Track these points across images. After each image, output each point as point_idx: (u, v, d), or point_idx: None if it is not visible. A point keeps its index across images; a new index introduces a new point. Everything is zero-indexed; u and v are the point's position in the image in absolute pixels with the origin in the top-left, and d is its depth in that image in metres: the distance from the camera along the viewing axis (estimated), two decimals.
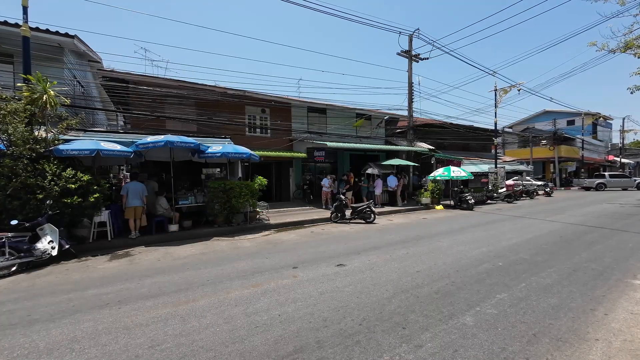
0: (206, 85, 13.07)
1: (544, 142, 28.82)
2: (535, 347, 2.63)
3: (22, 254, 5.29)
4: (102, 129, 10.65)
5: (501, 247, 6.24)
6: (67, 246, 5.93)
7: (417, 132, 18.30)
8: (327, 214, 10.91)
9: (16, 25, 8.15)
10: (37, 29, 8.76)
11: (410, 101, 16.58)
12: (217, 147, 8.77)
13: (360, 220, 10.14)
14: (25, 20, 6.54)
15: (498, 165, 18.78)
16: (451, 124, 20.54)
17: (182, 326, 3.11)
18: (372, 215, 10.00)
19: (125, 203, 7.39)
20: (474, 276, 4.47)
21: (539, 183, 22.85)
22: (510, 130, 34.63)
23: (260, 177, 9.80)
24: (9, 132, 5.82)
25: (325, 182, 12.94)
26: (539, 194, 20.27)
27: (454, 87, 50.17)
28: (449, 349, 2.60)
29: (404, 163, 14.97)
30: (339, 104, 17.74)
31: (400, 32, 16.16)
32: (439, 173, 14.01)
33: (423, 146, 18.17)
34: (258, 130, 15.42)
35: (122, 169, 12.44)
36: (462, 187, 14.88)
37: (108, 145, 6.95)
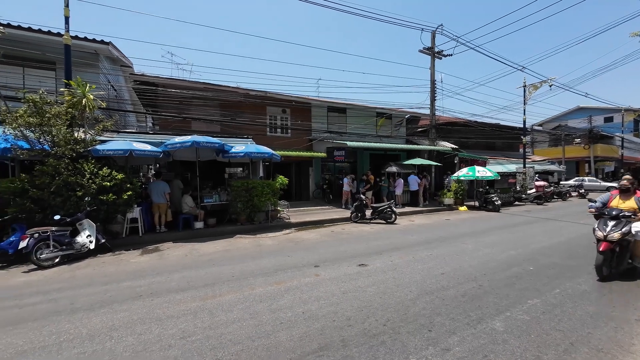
0: (229, 86, 13.42)
1: (577, 140, 27.11)
2: (572, 356, 2.50)
3: (64, 247, 5.70)
4: (133, 130, 11.23)
5: (531, 251, 5.95)
6: (102, 240, 6.31)
7: (440, 130, 17.82)
8: (346, 213, 10.88)
9: (58, 34, 8.76)
10: (76, 37, 9.35)
11: (433, 99, 16.17)
12: (240, 147, 8.99)
13: (380, 221, 10.03)
14: (67, 30, 7.02)
15: (527, 165, 17.89)
16: (476, 122, 19.81)
17: (210, 319, 3.23)
18: (393, 216, 9.86)
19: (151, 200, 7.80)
20: (502, 280, 4.30)
21: (572, 183, 21.54)
22: (539, 128, 32.86)
23: (281, 176, 9.93)
24: (53, 133, 6.29)
25: (346, 181, 12.91)
26: (572, 196, 19.11)
27: (479, 84, 48.31)
28: (479, 353, 2.53)
29: (425, 163, 14.63)
30: (359, 103, 17.64)
31: (422, 29, 15.80)
32: (463, 173, 13.56)
33: (446, 145, 17.66)
34: (279, 130, 15.63)
35: (151, 168, 13.06)
36: (487, 187, 14.31)
37: (139, 145, 7.32)
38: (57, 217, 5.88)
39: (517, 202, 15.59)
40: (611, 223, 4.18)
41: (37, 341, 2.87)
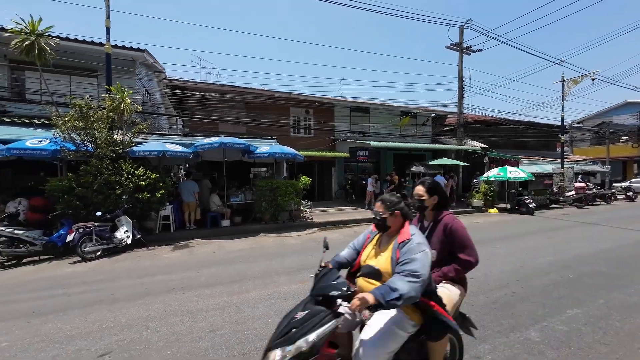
0: (254, 89, 13.76)
1: (625, 138, 24.85)
2: None
3: (104, 241, 6.14)
4: (165, 132, 11.85)
5: (570, 257, 5.55)
6: (138, 236, 6.73)
7: (468, 129, 17.11)
8: (370, 214, 10.74)
9: (100, 44, 9.45)
10: (115, 46, 10.04)
11: (461, 97, 15.56)
12: (264, 147, 9.20)
13: None
14: (108, 40, 7.56)
15: (565, 165, 16.69)
16: (507, 120, 18.79)
17: (237, 314, 3.34)
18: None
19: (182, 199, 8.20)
20: (538, 287, 4.06)
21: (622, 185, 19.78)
22: (580, 125, 30.50)
23: (304, 176, 10.03)
24: (96, 136, 6.80)
25: (369, 181, 12.77)
26: (617, 199, 17.56)
27: (511, 80, 45.72)
28: None
29: (452, 163, 14.11)
30: (383, 102, 17.38)
31: (450, 25, 15.26)
32: (493, 173, 12.92)
33: (474, 144, 16.92)
34: (302, 130, 15.78)
35: (181, 168, 13.69)
36: (520, 189, 13.52)
37: (171, 146, 7.72)
38: (98, 213, 6.35)
39: (553, 205, 14.59)
40: None
41: (83, 327, 3.13)
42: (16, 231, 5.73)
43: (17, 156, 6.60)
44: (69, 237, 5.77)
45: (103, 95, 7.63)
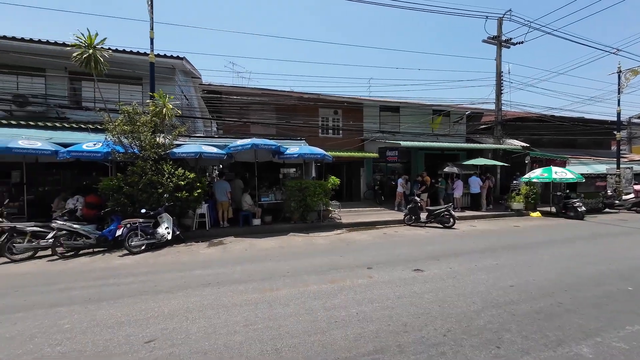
0: (284, 91, 14.07)
1: None
2: None
3: (148, 236, 6.63)
4: (201, 135, 12.52)
5: (628, 267, 5.01)
6: (177, 232, 7.18)
7: (507, 127, 16.07)
8: (399, 215, 10.52)
9: (145, 54, 10.22)
10: (157, 55, 10.81)
11: (499, 92, 14.68)
12: (294, 148, 9.36)
13: (437, 225, 9.46)
14: (152, 50, 8.17)
15: (622, 166, 15.04)
16: (552, 116, 17.37)
17: (269, 311, 3.44)
18: (451, 220, 9.22)
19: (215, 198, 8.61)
20: (589, 299, 3.71)
21: None
22: (639, 121, 27.32)
23: (333, 177, 10.05)
24: (141, 139, 7.37)
25: (399, 182, 12.49)
26: None
27: (557, 73, 42.01)
28: None
29: (489, 163, 13.33)
30: (413, 100, 16.89)
31: (487, 17, 14.47)
32: (536, 174, 12.01)
33: (514, 143, 15.85)
34: (330, 131, 15.83)
35: (215, 169, 14.36)
36: (567, 191, 12.43)
37: (207, 148, 8.15)
38: (143, 210, 6.88)
39: (607, 209, 13.22)
40: None
41: (131, 315, 3.40)
42: (75, 225, 6.38)
43: (75, 158, 7.34)
44: (118, 232, 6.31)
45: (147, 101, 8.25)
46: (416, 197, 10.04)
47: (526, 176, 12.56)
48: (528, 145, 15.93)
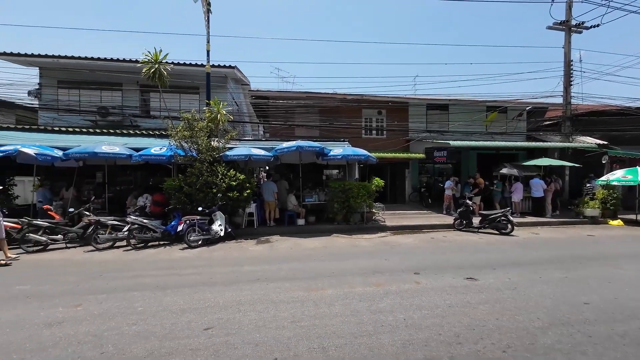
0: (328, 93, 14.24)
1: None
2: None
3: (204, 232, 7.22)
4: (250, 138, 13.26)
5: None
6: (229, 230, 7.70)
7: (578, 122, 14.16)
8: (448, 219, 9.93)
9: (201, 65, 11.17)
10: (212, 66, 11.74)
11: (568, 84, 13.03)
12: (337, 149, 9.41)
13: (491, 231, 8.72)
14: (208, 61, 8.91)
15: None
16: (638, 108, 14.86)
17: (315, 310, 3.51)
18: (509, 226, 8.42)
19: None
20: None
21: None
22: None
23: (377, 178, 9.88)
24: (199, 143, 8.07)
25: (448, 184, 11.79)
26: None
27: None
28: None
29: (556, 163, 11.87)
30: (464, 97, 15.81)
31: (552, 0, 12.94)
32: (617, 176, 10.37)
33: (586, 141, 13.88)
34: (374, 132, 15.58)
35: (261, 170, 15.08)
36: None
37: (256, 151, 8.61)
38: (199, 208, 7.50)
39: None
40: None
41: (191, 303, 3.74)
42: (144, 221, 7.22)
43: (145, 161, 8.30)
44: (179, 227, 6.99)
45: (204, 108, 9.00)
46: (468, 200, 9.37)
47: (603, 178, 10.92)
48: (605, 142, 13.82)
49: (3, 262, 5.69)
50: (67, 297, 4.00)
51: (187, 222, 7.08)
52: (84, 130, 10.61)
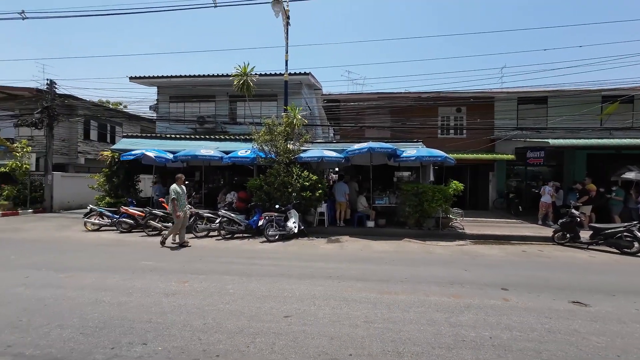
0: (400, 92, 13.77)
1: None
2: None
3: (280, 228, 7.82)
4: (321, 141, 13.78)
5: None
6: (302, 227, 8.16)
7: None
8: (545, 231, 8.49)
9: (280, 74, 12.13)
10: (289, 74, 12.63)
11: None
12: (411, 150, 9.03)
13: (608, 249, 7.12)
14: (286, 70, 9.63)
15: None
16: None
17: (388, 313, 3.46)
18: (636, 244, 6.73)
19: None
20: None
21: None
22: None
23: (455, 181, 9.11)
24: (277, 146, 8.79)
25: (547, 190, 10.09)
26: None
27: None
28: None
29: None
30: (569, 87, 13.28)
31: None
32: None
33: None
34: (452, 131, 14.40)
35: (331, 171, 15.47)
36: None
37: (328, 153, 8.92)
38: (277, 206, 8.16)
39: None
40: None
41: (272, 291, 4.12)
42: (232, 215, 8.22)
43: (232, 162, 9.45)
44: (260, 222, 7.74)
45: (282, 114, 9.76)
46: (574, 210, 7.85)
47: None
48: None
49: (178, 243, 7.02)
50: (178, 274, 4.87)
51: (267, 217, 7.78)
52: (187, 136, 12.66)
